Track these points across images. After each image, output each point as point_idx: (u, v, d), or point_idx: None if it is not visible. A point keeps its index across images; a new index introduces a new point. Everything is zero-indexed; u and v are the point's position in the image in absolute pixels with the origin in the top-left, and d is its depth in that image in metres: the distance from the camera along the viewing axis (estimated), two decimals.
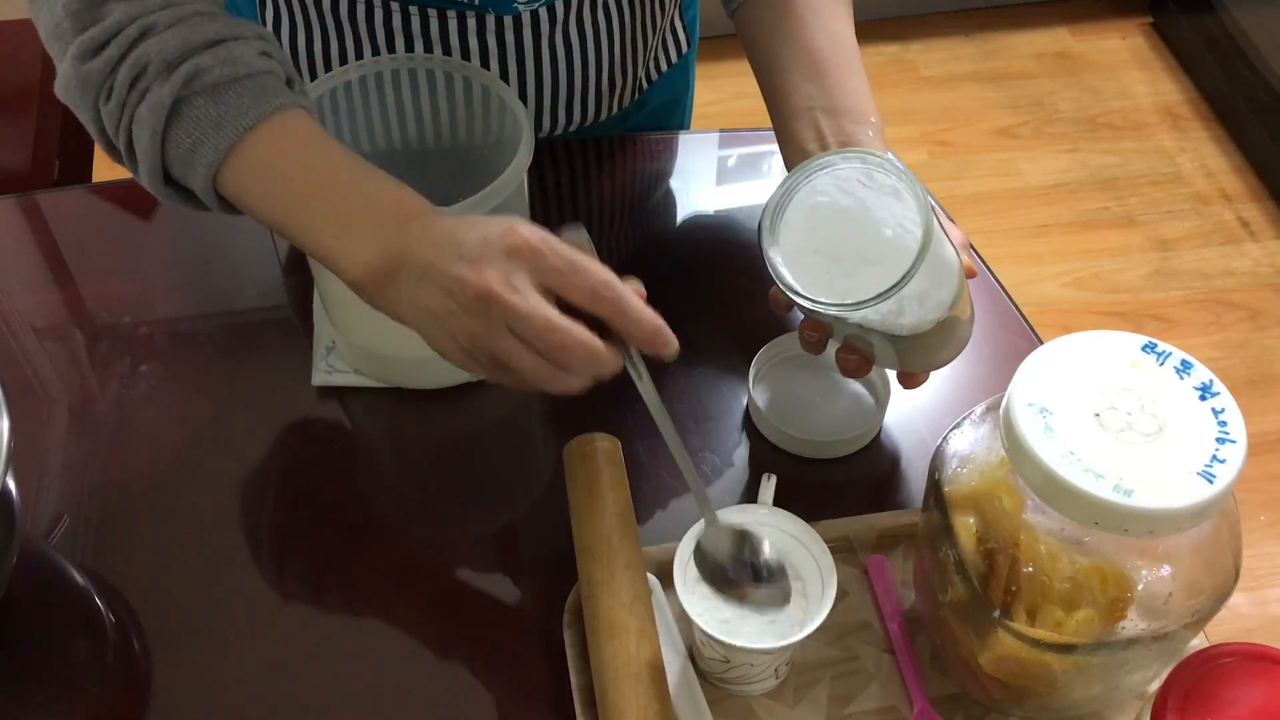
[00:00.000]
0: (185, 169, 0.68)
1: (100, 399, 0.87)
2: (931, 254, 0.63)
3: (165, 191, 0.70)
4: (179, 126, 0.67)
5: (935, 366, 0.77)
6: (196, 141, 0.67)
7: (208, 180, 0.68)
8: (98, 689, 0.73)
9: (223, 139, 0.66)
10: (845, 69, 0.79)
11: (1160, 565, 0.60)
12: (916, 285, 0.63)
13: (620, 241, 0.99)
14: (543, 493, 0.82)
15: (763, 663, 0.67)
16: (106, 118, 0.69)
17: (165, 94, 0.66)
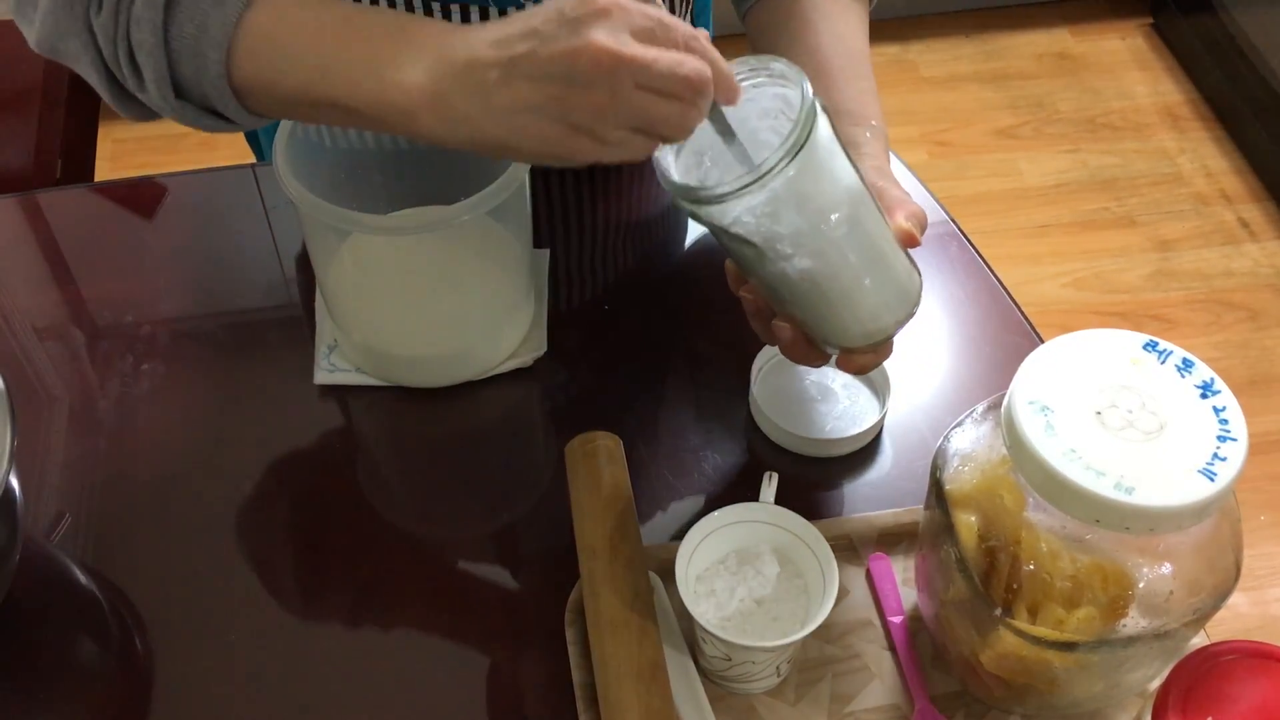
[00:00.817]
0: (195, 61, 0.65)
1: (102, 398, 0.87)
2: (814, 158, 0.59)
3: (178, 105, 0.67)
4: (179, 14, 0.63)
5: (860, 333, 0.69)
6: (200, 25, 0.63)
7: (220, 67, 0.64)
8: (100, 687, 0.73)
9: (228, 15, 0.63)
10: (849, 72, 0.79)
11: (1161, 563, 0.60)
12: (791, 186, 0.59)
13: (625, 240, 1.00)
14: (544, 491, 0.82)
15: (764, 661, 0.68)
16: (100, 31, 0.65)
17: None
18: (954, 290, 0.94)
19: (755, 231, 0.61)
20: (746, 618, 0.68)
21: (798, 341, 0.70)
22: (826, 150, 0.61)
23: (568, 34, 0.57)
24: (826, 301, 0.67)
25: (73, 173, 1.42)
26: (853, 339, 0.70)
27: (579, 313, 0.92)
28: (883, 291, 0.68)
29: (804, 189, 0.60)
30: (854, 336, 0.70)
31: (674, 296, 0.94)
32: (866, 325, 0.69)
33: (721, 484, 0.82)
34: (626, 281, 0.96)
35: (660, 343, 0.91)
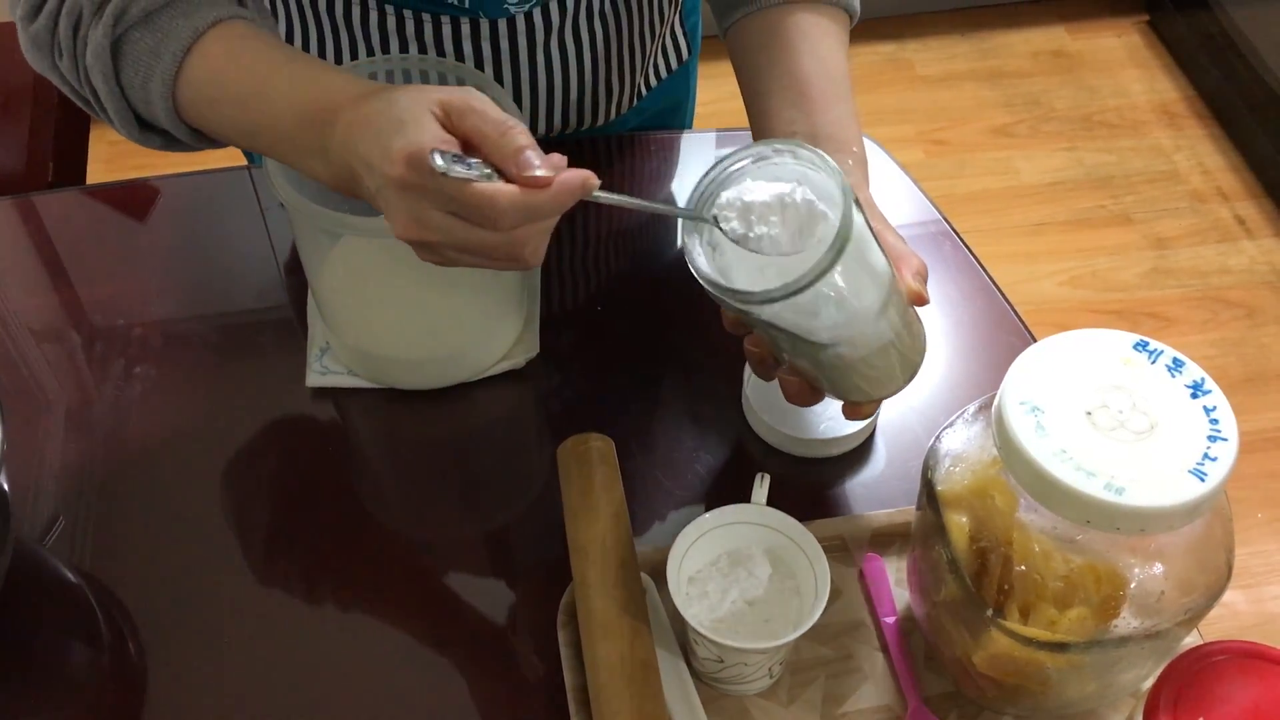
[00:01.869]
0: (147, 107, 0.66)
1: (95, 400, 0.87)
2: (852, 254, 0.59)
3: (143, 136, 0.68)
4: (126, 65, 0.65)
5: (877, 395, 0.72)
6: (145, 76, 0.65)
7: (170, 112, 0.66)
8: (93, 690, 0.73)
9: (165, 66, 0.64)
10: (830, 96, 0.78)
11: (1153, 563, 0.60)
12: (830, 286, 0.60)
13: (617, 242, 0.99)
14: (537, 493, 0.82)
15: (756, 662, 0.67)
16: (66, 73, 0.67)
17: (101, 36, 0.64)
18: (948, 290, 0.93)
19: (793, 324, 0.63)
20: (739, 619, 0.68)
21: (803, 391, 0.72)
22: (864, 242, 0.62)
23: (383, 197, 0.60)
24: (847, 374, 0.69)
25: (65, 175, 1.42)
26: (863, 397, 0.72)
27: (571, 314, 0.92)
28: (899, 362, 0.70)
29: (845, 287, 0.61)
30: (865, 396, 0.72)
31: (666, 298, 0.94)
32: (880, 388, 0.72)
33: (714, 485, 0.81)
34: (619, 283, 0.96)
35: (653, 344, 0.90)
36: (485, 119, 0.59)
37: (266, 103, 0.65)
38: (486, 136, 0.58)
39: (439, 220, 0.59)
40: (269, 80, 0.65)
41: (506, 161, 0.58)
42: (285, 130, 0.64)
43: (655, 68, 1.05)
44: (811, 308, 0.61)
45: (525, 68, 0.93)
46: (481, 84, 0.81)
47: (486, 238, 0.59)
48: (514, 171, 0.57)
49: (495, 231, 0.58)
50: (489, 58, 0.92)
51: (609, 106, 1.01)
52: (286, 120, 0.64)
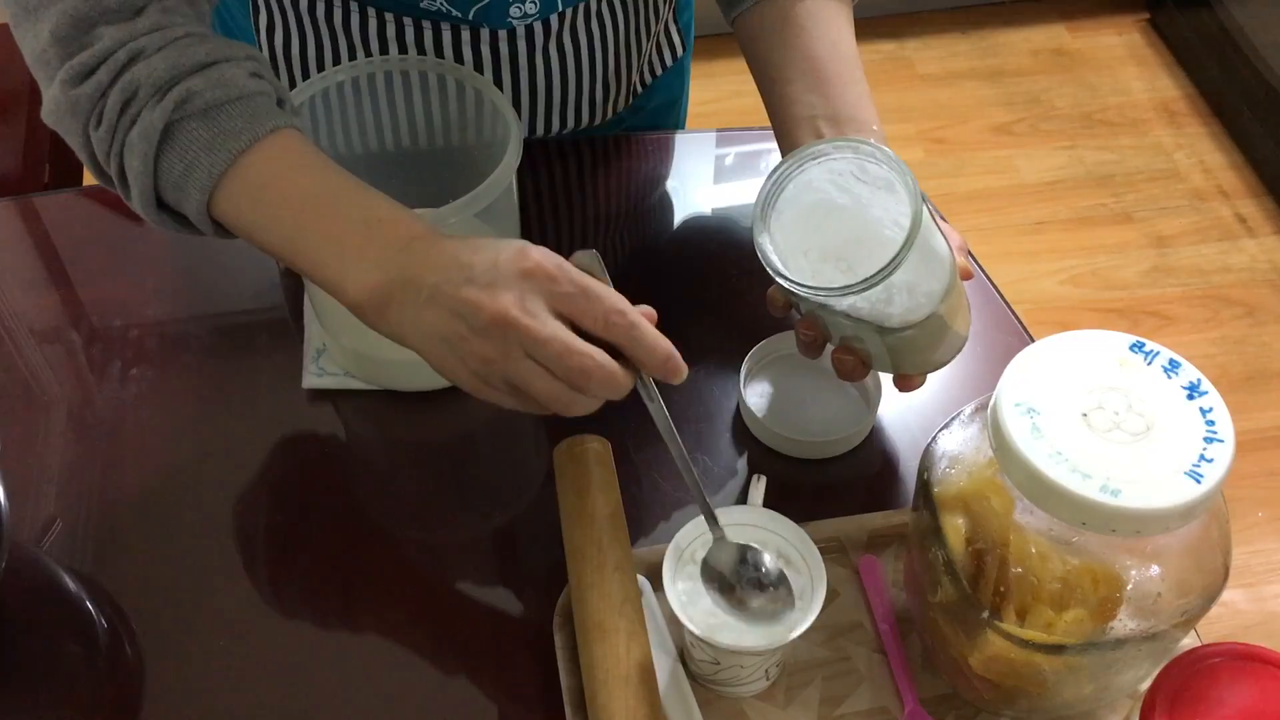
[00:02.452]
0: (178, 194, 0.67)
1: (92, 402, 0.87)
2: (920, 242, 0.63)
3: (158, 217, 0.69)
4: (171, 151, 0.66)
5: (930, 368, 0.77)
6: (189, 165, 0.65)
7: (201, 205, 0.66)
8: (90, 691, 0.73)
9: (216, 162, 0.65)
10: (846, 78, 0.79)
11: (1149, 565, 0.60)
12: (904, 274, 0.63)
13: (615, 242, 0.99)
14: (533, 494, 0.82)
15: (753, 664, 0.67)
16: (97, 143, 0.67)
17: (157, 118, 0.65)
18: None
19: (868, 314, 0.67)
20: (739, 622, 0.68)
21: (858, 368, 0.75)
22: (929, 229, 0.65)
23: (486, 282, 0.60)
24: (910, 351, 0.73)
25: (61, 176, 1.42)
26: (919, 370, 0.76)
27: None
28: (957, 335, 0.74)
29: (917, 274, 0.65)
30: (921, 369, 0.76)
31: (662, 298, 0.93)
32: (937, 363, 0.75)
33: (710, 487, 0.81)
34: (616, 283, 0.95)
35: None
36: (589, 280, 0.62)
37: (332, 210, 0.65)
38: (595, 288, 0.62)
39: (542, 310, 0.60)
40: (341, 193, 0.66)
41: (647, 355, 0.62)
42: (342, 237, 0.64)
43: (651, 65, 1.05)
44: (886, 296, 0.65)
45: (524, 71, 0.93)
46: (481, 88, 0.82)
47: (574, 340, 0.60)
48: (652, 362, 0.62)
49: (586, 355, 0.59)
50: (488, 61, 0.92)
51: (607, 105, 1.01)
52: (348, 230, 0.64)
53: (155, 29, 0.67)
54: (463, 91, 0.84)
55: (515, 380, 0.61)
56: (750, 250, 0.69)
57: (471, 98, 0.84)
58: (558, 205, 1.01)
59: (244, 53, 0.69)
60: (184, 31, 0.67)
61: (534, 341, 0.59)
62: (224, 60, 0.67)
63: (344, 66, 0.82)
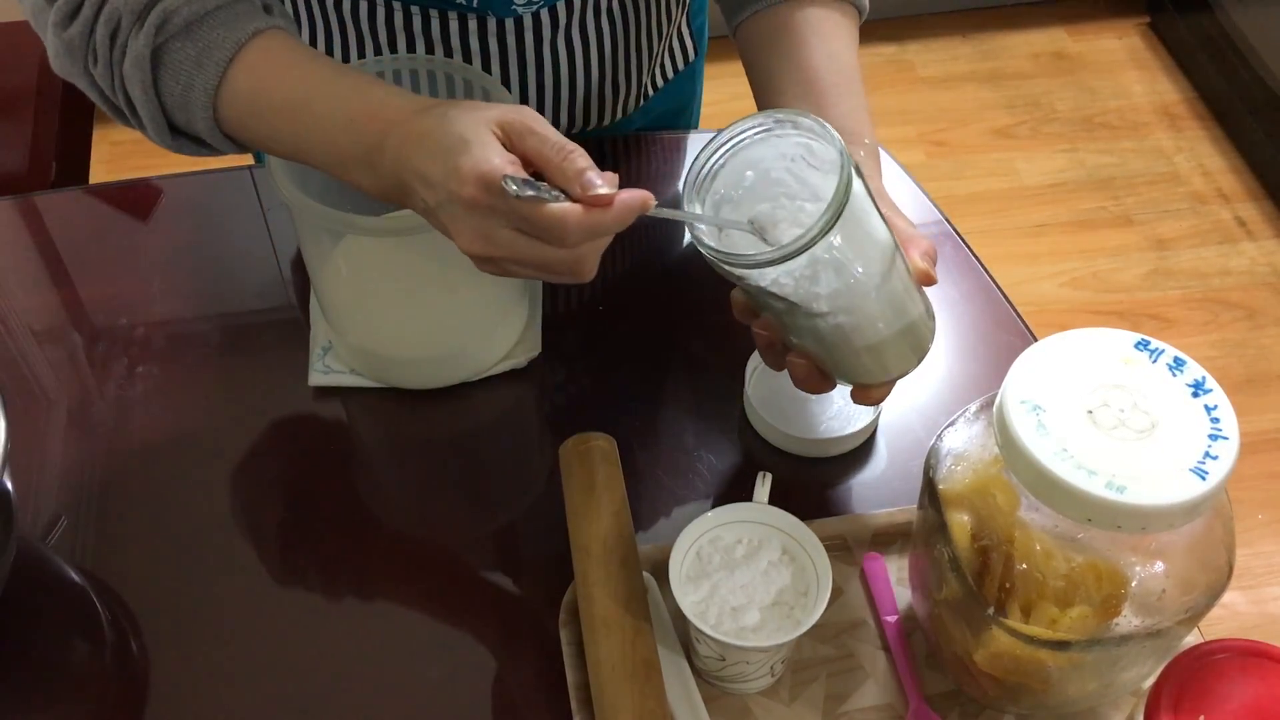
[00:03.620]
0: (186, 115, 0.67)
1: (98, 400, 0.87)
2: (849, 218, 0.59)
3: (175, 143, 0.69)
4: (165, 74, 0.66)
5: (882, 372, 0.71)
6: (185, 85, 0.66)
7: (209, 122, 0.67)
8: (95, 689, 0.73)
9: (208, 76, 0.65)
10: (841, 89, 0.78)
11: (1154, 562, 0.60)
12: (828, 252, 0.60)
13: (619, 242, 0.99)
14: (539, 492, 0.82)
15: (758, 660, 0.68)
16: (100, 80, 0.68)
17: (142, 45, 0.65)
18: (949, 290, 0.93)
19: (793, 292, 0.63)
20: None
21: (812, 375, 0.72)
22: (863, 208, 0.62)
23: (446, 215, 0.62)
24: (852, 350, 0.68)
25: (67, 175, 1.42)
26: (872, 378, 0.71)
27: (573, 314, 0.92)
28: (906, 337, 0.69)
29: (844, 251, 0.61)
30: (873, 376, 0.71)
31: (668, 297, 0.94)
32: (888, 367, 0.71)
33: (716, 484, 0.82)
34: (621, 282, 0.96)
35: (655, 343, 0.91)
36: (545, 142, 0.61)
37: (313, 114, 0.66)
38: (548, 159, 0.61)
39: (507, 237, 0.61)
40: (316, 92, 0.66)
41: (570, 183, 0.60)
42: (332, 141, 0.65)
43: (662, 68, 1.05)
44: (810, 272, 0.61)
45: (532, 65, 0.93)
46: (489, 86, 0.82)
47: (551, 254, 0.61)
48: (578, 192, 0.60)
49: (560, 248, 0.61)
50: (495, 54, 0.92)
51: (615, 106, 1.01)
52: (335, 131, 0.65)
53: None
54: (470, 91, 0.84)
55: (525, 273, 0.63)
56: None
57: (480, 98, 0.84)
58: None
59: None
60: None
61: (511, 264, 0.62)
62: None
63: (354, 64, 0.82)
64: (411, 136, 0.62)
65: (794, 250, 0.59)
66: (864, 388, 0.72)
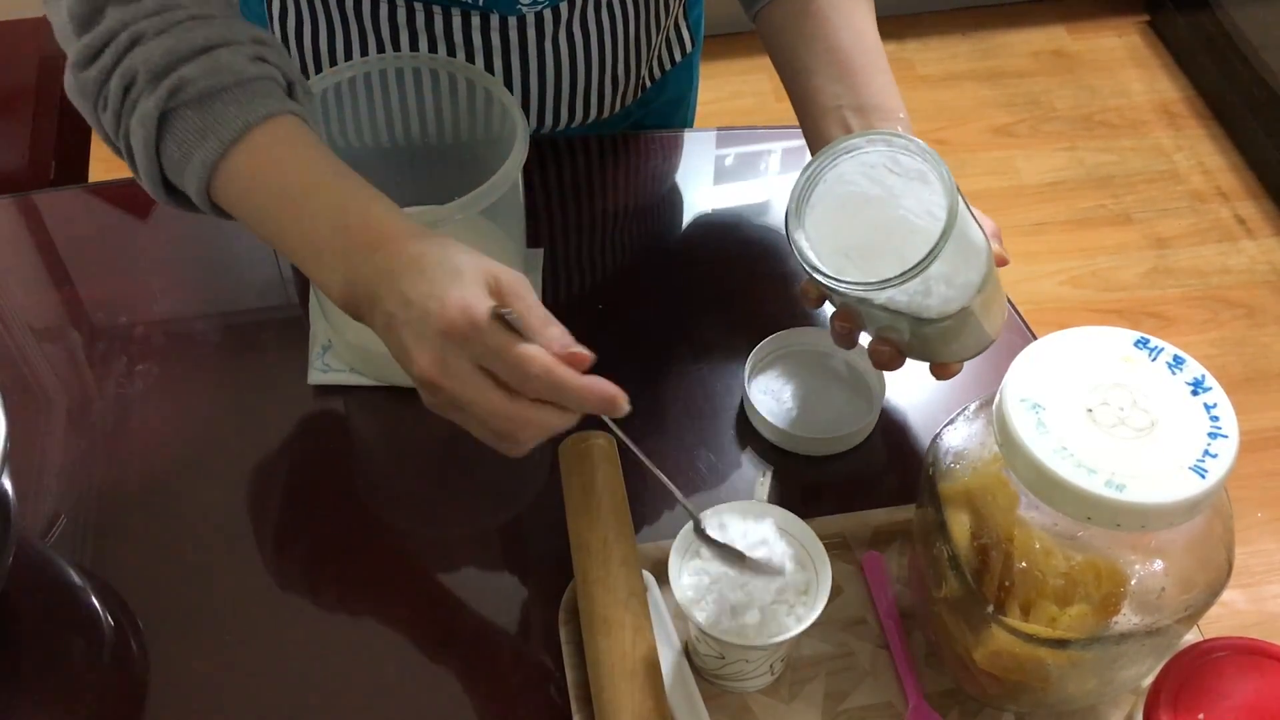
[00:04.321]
0: (180, 178, 0.68)
1: (97, 399, 0.87)
2: (957, 234, 0.63)
3: (167, 198, 0.70)
4: (169, 138, 0.66)
5: (967, 355, 0.76)
6: (185, 153, 0.66)
7: (200, 191, 0.67)
8: (95, 687, 0.73)
9: (209, 150, 0.66)
10: (871, 67, 0.79)
11: (1153, 560, 0.60)
12: (942, 265, 0.63)
13: (617, 240, 1.00)
14: (539, 490, 0.82)
15: (758, 659, 0.68)
16: (105, 125, 0.69)
17: (152, 106, 0.65)
18: None
19: (906, 306, 0.66)
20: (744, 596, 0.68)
21: (896, 359, 0.74)
22: (965, 220, 0.64)
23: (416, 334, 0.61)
24: (947, 340, 0.72)
25: (67, 174, 1.42)
26: (956, 358, 0.76)
27: (573, 311, 0.92)
28: (993, 322, 0.73)
29: (954, 265, 0.65)
30: (956, 358, 0.76)
31: (668, 296, 0.94)
32: (974, 351, 0.75)
33: (716, 482, 0.82)
34: (620, 280, 0.96)
35: (654, 342, 0.91)
36: (531, 309, 0.61)
37: (306, 209, 0.65)
38: (530, 325, 0.61)
39: (465, 371, 0.60)
40: (315, 188, 0.66)
41: (548, 346, 0.60)
42: (315, 238, 0.65)
43: (660, 60, 1.06)
44: (924, 288, 0.64)
45: (534, 59, 0.93)
46: (490, 87, 0.82)
47: (498, 404, 0.60)
48: (555, 350, 0.60)
49: (511, 399, 0.60)
50: (498, 49, 0.92)
51: (615, 99, 1.02)
52: (322, 230, 0.65)
53: (159, 10, 0.67)
54: (473, 90, 0.84)
55: (460, 417, 0.62)
56: (753, 248, 0.69)
57: (481, 97, 0.84)
58: (564, 203, 1.02)
59: (248, 35, 0.68)
60: (186, 15, 0.67)
61: (456, 402, 0.61)
62: (222, 45, 0.67)
63: (354, 63, 0.82)
64: (404, 256, 0.62)
65: (912, 274, 0.63)
66: (943, 366, 0.76)
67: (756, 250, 0.68)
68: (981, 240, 0.68)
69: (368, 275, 0.62)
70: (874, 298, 0.65)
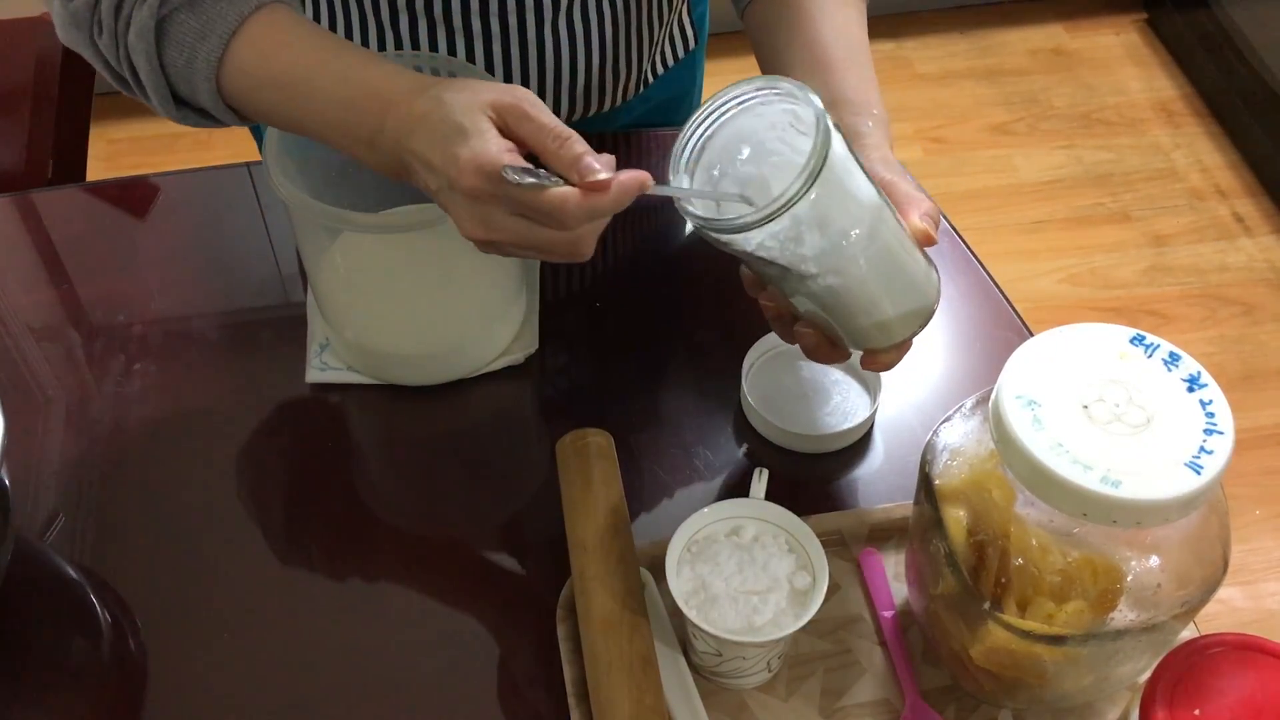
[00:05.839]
0: (189, 86, 0.68)
1: (95, 397, 0.87)
2: (831, 179, 0.59)
3: (180, 113, 0.70)
4: (169, 45, 0.67)
5: (885, 336, 0.70)
6: (189, 57, 0.67)
7: (212, 94, 0.68)
8: (94, 684, 0.74)
9: (210, 49, 0.66)
10: (849, 63, 0.79)
11: (1149, 556, 0.60)
12: (810, 209, 0.59)
13: (616, 237, 1.00)
14: (536, 488, 0.82)
15: (755, 656, 0.68)
16: (105, 51, 0.69)
17: (146, 15, 0.66)
18: (945, 286, 0.93)
19: (779, 254, 0.63)
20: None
21: (821, 345, 0.72)
22: (843, 168, 0.61)
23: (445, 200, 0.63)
24: (850, 312, 0.68)
25: (64, 173, 1.42)
26: (877, 342, 0.71)
27: (570, 310, 0.92)
28: (905, 296, 0.69)
29: (825, 210, 0.61)
30: (878, 340, 0.71)
31: (665, 293, 0.95)
32: (890, 329, 0.70)
33: (712, 480, 0.82)
34: (617, 278, 0.96)
35: (651, 339, 0.91)
36: (541, 128, 0.62)
37: (312, 90, 0.67)
38: (544, 146, 0.62)
39: (507, 222, 0.62)
40: (316, 68, 0.67)
41: (567, 170, 0.61)
42: (331, 117, 0.66)
43: (662, 55, 1.06)
44: (794, 234, 0.61)
45: (533, 45, 0.93)
46: None
47: (550, 236, 0.62)
48: (575, 179, 0.60)
49: (560, 231, 0.62)
50: (497, 34, 0.92)
51: (616, 92, 1.02)
52: (333, 108, 0.66)
53: None
54: None
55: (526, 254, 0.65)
56: None
57: None
58: None
59: None
60: None
61: (512, 247, 0.63)
62: None
63: None
64: (410, 118, 0.63)
65: (774, 211, 0.59)
66: (871, 353, 0.72)
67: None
68: (869, 195, 0.64)
69: (388, 147, 0.64)
70: (744, 243, 0.62)
